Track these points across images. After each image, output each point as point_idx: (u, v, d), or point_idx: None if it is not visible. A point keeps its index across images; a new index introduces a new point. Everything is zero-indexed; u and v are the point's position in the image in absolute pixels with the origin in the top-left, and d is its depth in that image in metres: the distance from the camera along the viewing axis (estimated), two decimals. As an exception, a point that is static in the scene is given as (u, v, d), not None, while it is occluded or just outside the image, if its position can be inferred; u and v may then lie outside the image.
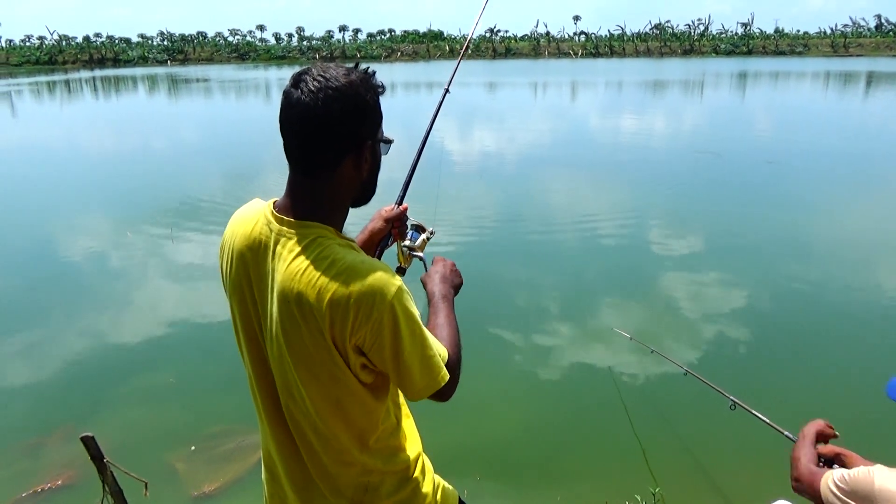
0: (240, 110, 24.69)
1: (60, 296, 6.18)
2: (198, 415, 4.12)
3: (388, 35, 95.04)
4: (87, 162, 13.94)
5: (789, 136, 15.33)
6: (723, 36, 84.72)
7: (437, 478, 1.50)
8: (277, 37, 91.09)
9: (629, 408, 3.96)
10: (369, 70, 1.24)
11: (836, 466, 1.73)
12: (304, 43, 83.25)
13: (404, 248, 1.60)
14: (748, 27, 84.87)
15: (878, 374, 1.94)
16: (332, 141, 1.17)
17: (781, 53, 69.48)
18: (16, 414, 4.21)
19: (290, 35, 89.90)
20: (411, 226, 1.63)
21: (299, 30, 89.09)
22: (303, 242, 1.17)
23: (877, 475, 1.62)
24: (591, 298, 5.81)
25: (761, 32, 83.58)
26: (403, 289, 1.18)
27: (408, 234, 1.61)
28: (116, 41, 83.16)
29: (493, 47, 77.85)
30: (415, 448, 1.43)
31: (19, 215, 9.30)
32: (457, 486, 1.57)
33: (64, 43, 77.76)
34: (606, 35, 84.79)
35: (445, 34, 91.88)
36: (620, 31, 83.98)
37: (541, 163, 12.51)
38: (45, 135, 18.42)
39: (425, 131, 1.83)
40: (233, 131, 18.58)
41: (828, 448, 1.82)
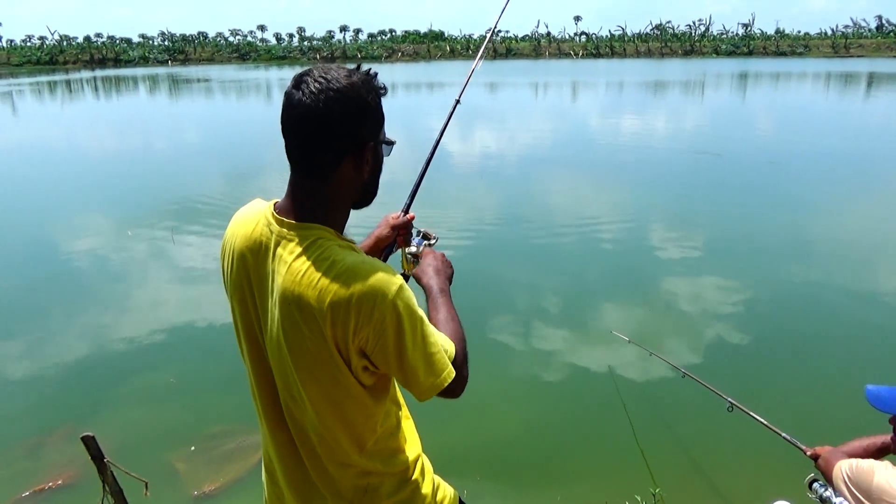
0: (240, 110, 24.70)
1: (61, 296, 6.19)
2: (198, 415, 4.12)
3: (389, 35, 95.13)
4: (88, 162, 13.95)
5: (790, 137, 15.33)
6: (723, 37, 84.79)
7: (437, 478, 1.50)
8: (278, 37, 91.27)
9: (629, 408, 3.96)
10: (371, 71, 1.24)
11: None
12: (305, 43, 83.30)
13: (409, 255, 1.61)
14: (749, 28, 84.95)
15: (876, 376, 1.95)
16: (332, 141, 1.17)
17: (782, 54, 69.50)
18: (16, 414, 4.21)
19: (291, 35, 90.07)
20: (417, 232, 1.64)
21: (300, 30, 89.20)
22: (303, 244, 1.17)
23: (878, 472, 1.69)
24: (592, 299, 5.82)
25: (762, 33, 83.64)
26: (405, 287, 1.18)
27: (413, 242, 1.62)
28: (117, 41, 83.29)
29: (493, 48, 77.85)
30: (414, 449, 1.43)
31: (20, 215, 9.31)
32: (457, 487, 1.57)
33: (65, 43, 77.87)
34: (607, 36, 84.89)
35: (446, 34, 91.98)
36: (621, 32, 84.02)
37: (541, 163, 12.52)
38: (46, 135, 18.44)
39: (434, 141, 1.81)
40: (233, 131, 18.59)
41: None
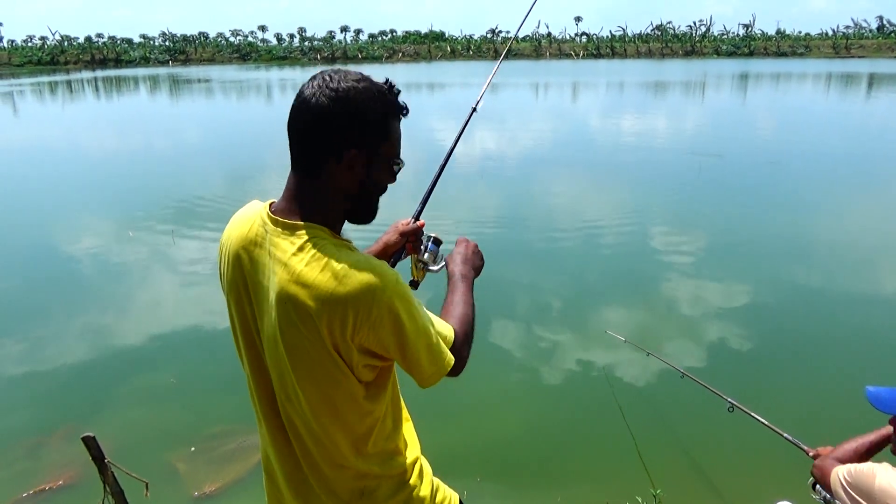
0: (241, 111, 24.71)
1: (61, 296, 6.19)
2: (199, 415, 4.12)
3: (390, 36, 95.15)
4: (89, 162, 13.95)
5: (791, 138, 15.32)
6: (724, 37, 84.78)
7: (437, 481, 1.49)
8: (279, 37, 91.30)
9: (629, 409, 3.95)
10: (393, 88, 1.23)
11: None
12: (306, 43, 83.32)
13: (419, 262, 1.61)
14: (749, 28, 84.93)
15: (877, 376, 1.94)
16: (320, 137, 1.17)
17: (783, 55, 69.48)
18: (17, 414, 4.21)
19: (292, 36, 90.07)
20: (428, 238, 1.63)
21: (301, 30, 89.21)
22: (297, 243, 1.17)
23: (879, 474, 1.66)
24: (591, 300, 5.81)
25: (763, 34, 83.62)
26: (400, 281, 1.18)
27: (423, 248, 1.62)
28: (118, 42, 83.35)
29: (494, 48, 77.87)
30: (413, 452, 1.42)
31: (21, 215, 9.31)
32: (457, 488, 1.57)
33: (66, 43, 77.92)
34: (608, 36, 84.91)
35: (447, 35, 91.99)
36: (622, 32, 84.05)
37: (542, 164, 12.51)
38: (47, 135, 18.45)
39: (449, 149, 1.81)
40: (234, 132, 18.60)
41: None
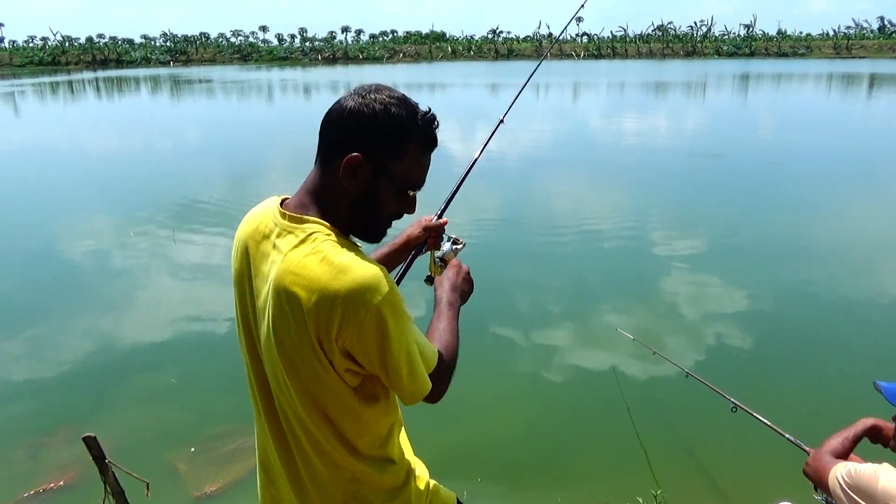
0: (242, 111, 24.73)
1: (62, 296, 6.19)
2: (199, 415, 4.12)
3: (391, 36, 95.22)
4: (90, 162, 13.97)
5: (792, 138, 15.32)
6: (725, 38, 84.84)
7: (432, 492, 1.48)
8: (280, 38, 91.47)
9: (631, 409, 3.95)
10: (427, 116, 1.25)
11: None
12: (307, 44, 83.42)
13: (437, 258, 1.64)
14: (750, 29, 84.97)
15: (879, 376, 1.93)
16: (334, 133, 1.21)
17: (784, 55, 69.50)
18: (18, 414, 4.21)
19: (293, 36, 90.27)
20: (447, 238, 1.68)
21: (302, 31, 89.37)
22: (301, 236, 1.18)
23: (881, 475, 1.64)
24: (593, 300, 5.81)
25: (764, 34, 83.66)
26: (394, 290, 1.17)
27: (443, 246, 1.66)
28: (119, 42, 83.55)
29: (495, 48, 77.89)
30: (409, 461, 1.42)
31: (22, 215, 9.32)
32: (457, 488, 1.56)
33: (67, 44, 78.11)
34: (609, 36, 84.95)
35: (448, 35, 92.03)
36: (623, 33, 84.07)
37: (542, 164, 12.51)
38: (48, 135, 18.47)
39: (475, 155, 1.91)
40: (235, 132, 18.61)
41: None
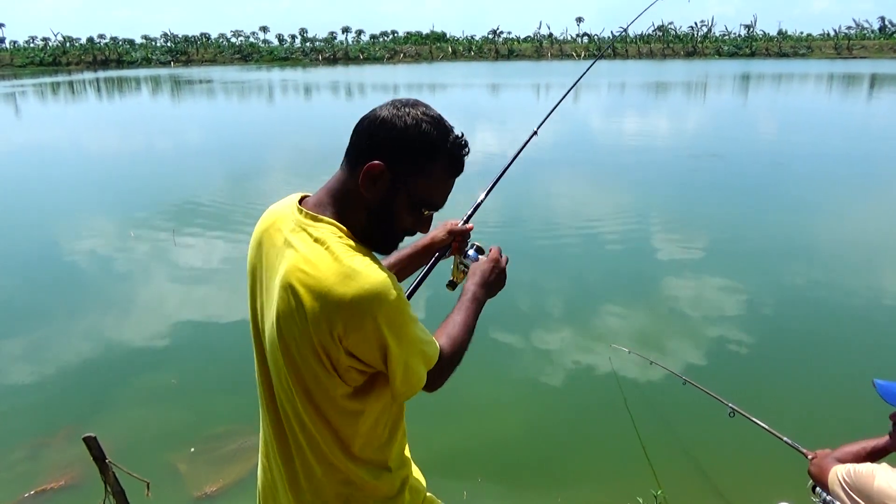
0: (243, 112, 24.74)
1: (63, 296, 6.20)
2: (200, 415, 4.12)
3: (391, 36, 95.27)
4: (90, 162, 13.97)
5: (792, 138, 15.32)
6: (726, 38, 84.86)
7: (430, 497, 1.48)
8: (280, 38, 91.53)
9: (631, 410, 3.95)
10: (458, 140, 1.25)
11: None
12: (307, 44, 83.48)
13: (461, 264, 1.63)
14: (751, 29, 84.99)
15: (879, 378, 1.94)
16: (361, 138, 1.22)
17: (784, 55, 69.53)
18: (19, 414, 4.22)
19: (294, 36, 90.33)
20: (471, 245, 1.65)
21: (302, 31, 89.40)
22: (315, 235, 1.19)
23: (878, 475, 1.67)
24: (594, 303, 5.80)
25: (764, 34, 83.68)
26: (401, 298, 1.18)
27: (467, 252, 1.64)
28: (120, 42, 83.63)
29: (495, 49, 77.95)
30: (405, 469, 1.42)
31: (22, 216, 9.32)
32: (457, 488, 1.57)
33: (68, 44, 78.20)
34: (609, 37, 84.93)
35: (448, 36, 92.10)
36: (623, 33, 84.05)
37: (543, 164, 12.50)
38: (49, 135, 18.48)
39: (506, 164, 1.96)
40: (235, 133, 18.62)
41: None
